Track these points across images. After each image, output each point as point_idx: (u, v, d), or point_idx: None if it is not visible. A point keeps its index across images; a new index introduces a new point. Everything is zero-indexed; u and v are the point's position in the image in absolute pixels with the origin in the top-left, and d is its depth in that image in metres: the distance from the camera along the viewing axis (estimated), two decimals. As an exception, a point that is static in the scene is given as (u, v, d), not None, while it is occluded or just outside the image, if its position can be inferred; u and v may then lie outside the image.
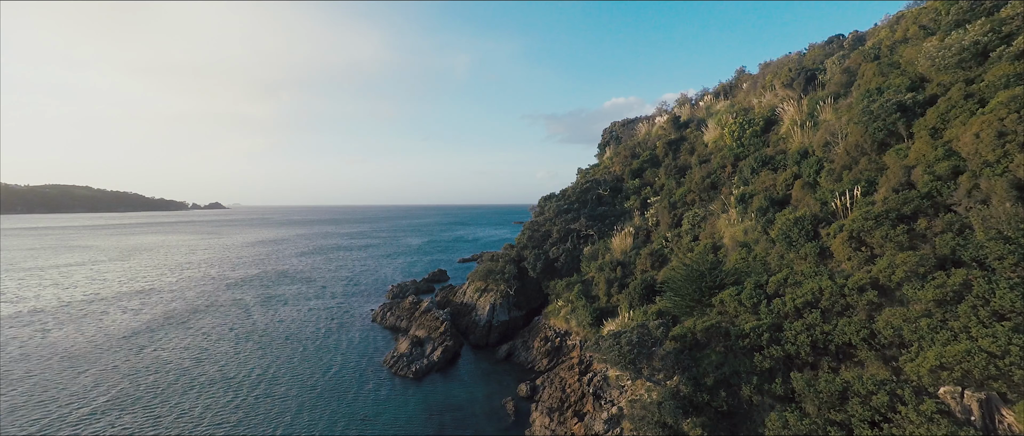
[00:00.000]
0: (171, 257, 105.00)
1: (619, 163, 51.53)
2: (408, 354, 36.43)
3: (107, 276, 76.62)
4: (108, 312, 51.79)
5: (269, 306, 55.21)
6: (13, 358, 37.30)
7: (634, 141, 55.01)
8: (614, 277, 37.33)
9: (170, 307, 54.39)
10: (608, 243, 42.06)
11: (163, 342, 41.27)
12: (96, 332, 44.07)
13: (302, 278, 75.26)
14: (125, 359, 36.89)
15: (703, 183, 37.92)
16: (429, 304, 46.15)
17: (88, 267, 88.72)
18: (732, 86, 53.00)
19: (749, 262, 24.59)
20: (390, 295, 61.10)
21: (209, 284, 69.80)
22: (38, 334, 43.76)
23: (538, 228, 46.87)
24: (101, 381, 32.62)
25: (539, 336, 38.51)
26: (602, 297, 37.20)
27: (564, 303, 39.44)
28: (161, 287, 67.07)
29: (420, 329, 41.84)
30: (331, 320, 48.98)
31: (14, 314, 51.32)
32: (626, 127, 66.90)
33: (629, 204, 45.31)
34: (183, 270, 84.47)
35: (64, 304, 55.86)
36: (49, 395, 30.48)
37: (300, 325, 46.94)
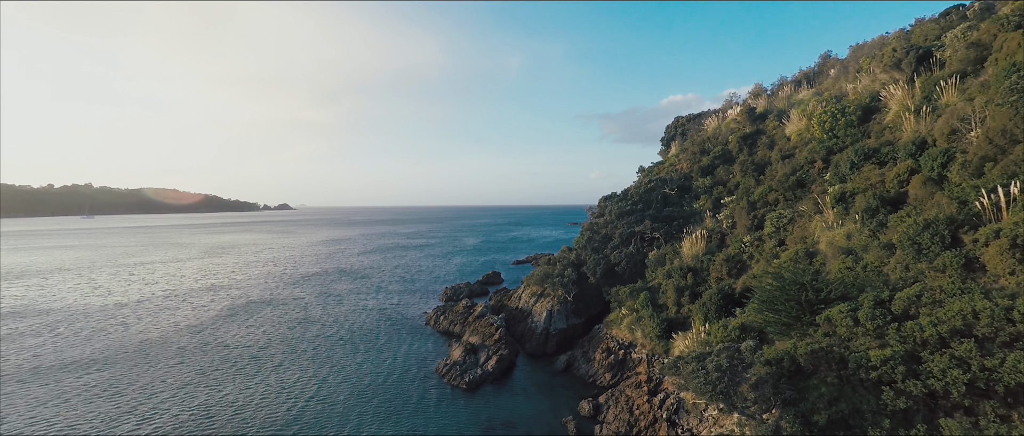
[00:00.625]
0: (243, 256, 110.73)
1: (686, 160, 47.54)
2: (461, 362, 34.79)
3: (185, 273, 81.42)
4: (180, 308, 54.24)
5: (327, 306, 55.83)
6: (96, 348, 39.36)
7: (702, 136, 50.71)
8: (684, 285, 33.85)
9: (236, 305, 56.24)
10: (676, 247, 38.47)
11: (225, 340, 42.19)
12: (168, 326, 45.94)
13: (360, 277, 76.30)
14: (190, 356, 37.84)
15: (787, 181, 33.57)
16: (483, 309, 44.50)
17: (170, 264, 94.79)
18: (816, 73, 47.51)
19: (858, 273, 20.65)
20: (444, 297, 60.23)
21: (274, 282, 72.21)
22: (120, 327, 46.25)
23: (598, 230, 43.94)
24: (166, 376, 33.38)
25: (600, 347, 35.69)
26: (671, 306, 33.82)
27: (628, 312, 36.37)
28: (231, 284, 70.09)
29: (474, 335, 40.18)
30: (385, 322, 48.51)
31: (102, 306, 55.07)
32: (692, 122, 62.32)
33: (699, 204, 41.39)
34: (252, 268, 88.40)
35: (144, 299, 59.31)
36: (117, 388, 31.44)
37: (355, 326, 46.76)
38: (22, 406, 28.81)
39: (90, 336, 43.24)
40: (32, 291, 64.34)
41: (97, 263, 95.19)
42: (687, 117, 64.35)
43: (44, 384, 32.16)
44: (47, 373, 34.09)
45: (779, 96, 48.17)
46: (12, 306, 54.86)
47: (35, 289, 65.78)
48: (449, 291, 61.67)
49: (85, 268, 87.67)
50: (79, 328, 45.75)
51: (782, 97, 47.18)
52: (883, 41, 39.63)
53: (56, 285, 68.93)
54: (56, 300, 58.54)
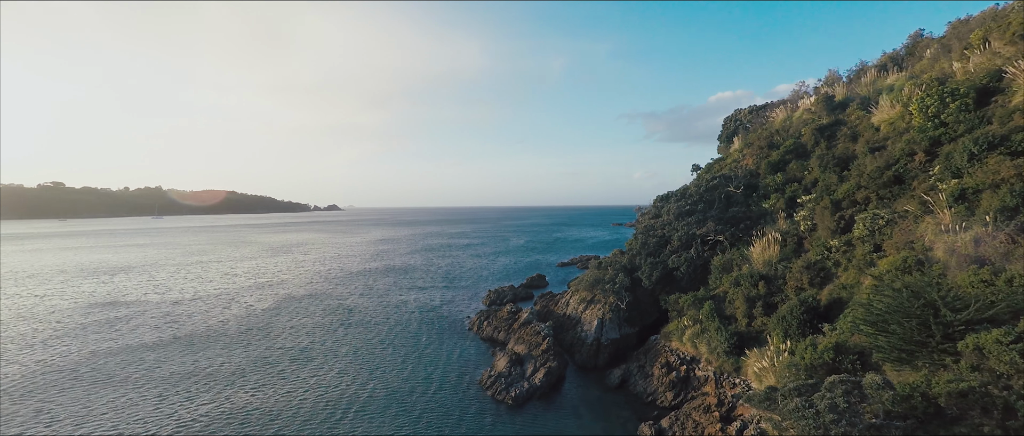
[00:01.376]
0: (299, 254, 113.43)
1: (752, 156, 43.13)
2: (506, 374, 32.38)
3: (237, 271, 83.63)
4: (230, 306, 54.88)
5: (372, 305, 54.99)
6: (144, 343, 39.82)
7: (768, 129, 46.01)
8: (756, 294, 30.00)
9: (285, 301, 56.38)
10: (744, 251, 34.48)
11: (270, 337, 41.72)
12: (217, 324, 46.19)
13: (404, 277, 75.61)
14: (232, 355, 37.45)
15: (881, 176, 29.02)
16: (529, 315, 41.97)
17: (223, 264, 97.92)
18: (905, 55, 41.94)
19: (1001, 288, 16.60)
20: (487, 301, 58.17)
21: (321, 279, 72.62)
22: (172, 324, 47.01)
23: (654, 233, 40.41)
24: (212, 375, 32.89)
25: (659, 361, 32.33)
26: (740, 318, 30.05)
27: (689, 322, 32.81)
28: (284, 280, 71.07)
29: (519, 344, 37.70)
30: (428, 325, 46.91)
31: (158, 302, 56.70)
32: (755, 115, 57.31)
33: (770, 204, 37.11)
34: (303, 266, 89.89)
35: (198, 297, 60.69)
36: (151, 384, 31.15)
37: (398, 329, 45.39)
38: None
39: (168, 323, 44.01)
40: (140, 284, 67.49)
41: (182, 259, 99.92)
42: (748, 109, 59.33)
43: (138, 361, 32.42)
44: (152, 350, 34.50)
45: (860, 83, 42.84)
46: (122, 298, 57.38)
47: (144, 282, 69.03)
48: (492, 294, 59.56)
49: (174, 263, 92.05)
50: (163, 315, 46.87)
51: (864, 84, 41.88)
52: (995, 13, 33.95)
53: (158, 277, 72.16)
54: (154, 292, 60.91)
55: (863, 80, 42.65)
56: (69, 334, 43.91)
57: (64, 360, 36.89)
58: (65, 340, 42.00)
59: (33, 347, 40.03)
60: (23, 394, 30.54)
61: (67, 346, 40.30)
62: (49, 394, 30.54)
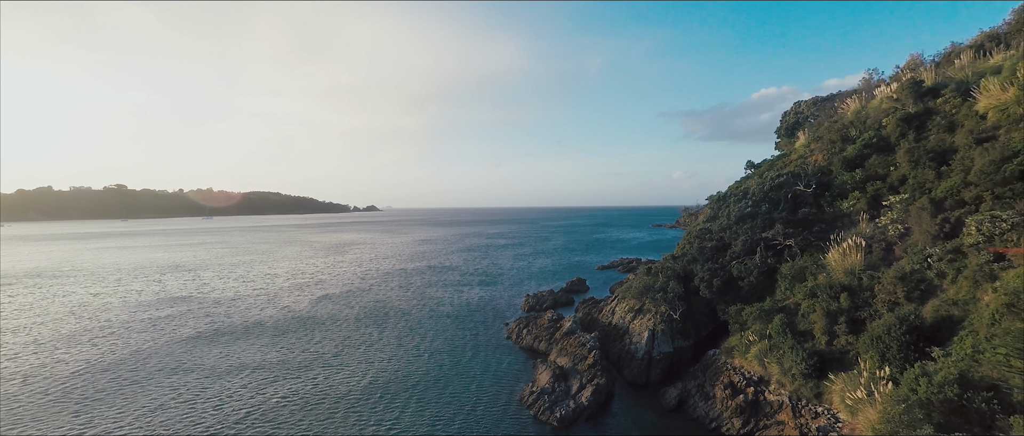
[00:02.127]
0: (344, 253, 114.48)
1: (822, 151, 38.63)
2: (550, 390, 29.65)
3: (277, 271, 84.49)
4: (266, 308, 54.57)
5: (409, 309, 53.42)
6: (177, 338, 39.45)
7: (839, 121, 41.27)
8: (837, 308, 26.09)
9: (321, 306, 55.64)
10: (820, 259, 30.40)
11: (304, 345, 40.56)
12: (253, 323, 45.64)
13: (441, 280, 74.04)
14: (266, 356, 36.39)
15: (999, 171, 24.54)
16: (572, 324, 39.06)
17: (265, 264, 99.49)
18: (1012, 31, 36.47)
19: None
20: (526, 306, 55.57)
21: (359, 281, 72.05)
22: (206, 321, 46.86)
23: (711, 236, 36.70)
24: (233, 384, 31.78)
25: (721, 380, 28.82)
26: (819, 336, 26.21)
27: (755, 338, 29.15)
28: (321, 281, 70.93)
29: (562, 356, 34.90)
30: (465, 332, 44.76)
31: (201, 299, 57.21)
32: (818, 106, 52.24)
33: (847, 205, 32.77)
34: (340, 266, 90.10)
35: (239, 296, 60.96)
36: (172, 375, 30.18)
37: (434, 335, 43.45)
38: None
39: (206, 318, 43.91)
40: (210, 280, 69.21)
41: (235, 259, 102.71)
42: (811, 100, 54.23)
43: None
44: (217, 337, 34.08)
45: (953, 66, 37.58)
46: (194, 294, 58.64)
47: (212, 278, 70.82)
48: (531, 299, 56.91)
49: (229, 262, 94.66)
50: (203, 311, 47.01)
51: (958, 67, 36.67)
52: None
53: (220, 275, 73.97)
54: (211, 289, 62.02)
55: (956, 63, 37.40)
56: (155, 322, 44.37)
57: (146, 345, 36.89)
58: (151, 328, 42.37)
59: (127, 332, 40.45)
60: (116, 373, 30.27)
61: (149, 334, 40.54)
62: (140, 374, 30.16)
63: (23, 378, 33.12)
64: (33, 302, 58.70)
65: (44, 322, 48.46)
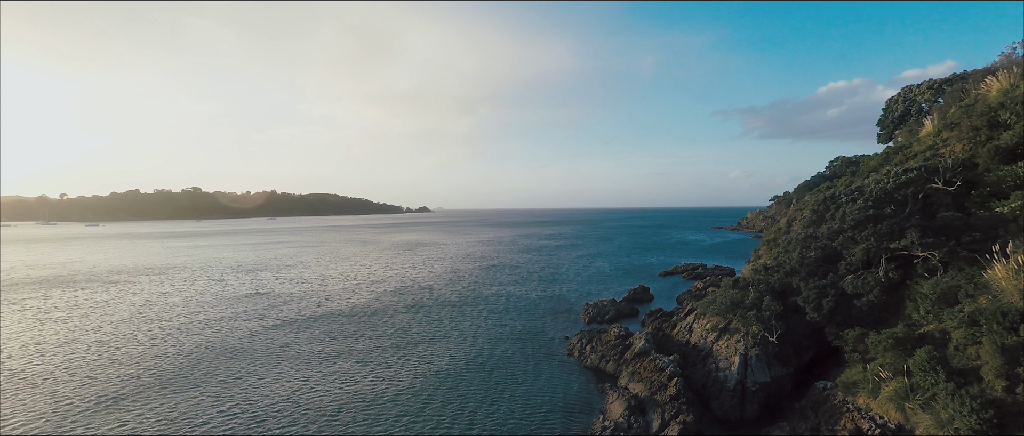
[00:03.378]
0: (402, 254, 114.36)
1: (961, 140, 31.56)
2: (626, 427, 25.05)
3: (329, 272, 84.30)
4: (312, 312, 53.09)
5: (462, 317, 50.20)
6: (244, 334, 38.14)
7: (981, 104, 33.82)
8: (1018, 343, 19.85)
9: (374, 310, 53.59)
10: (977, 275, 23.94)
11: (354, 357, 38.04)
12: (304, 334, 43.96)
13: (494, 285, 70.61)
14: (311, 360, 34.03)
15: None
16: (645, 343, 34.12)
17: (321, 265, 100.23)
18: None
19: None
20: (586, 317, 50.91)
21: (409, 283, 70.02)
22: (258, 321, 45.71)
23: (816, 244, 30.66)
24: (277, 391, 29.41)
25: (843, 424, 23.10)
26: (991, 379, 20.05)
27: (887, 373, 23.22)
28: (372, 283, 69.54)
29: (635, 381, 30.16)
30: (523, 346, 40.83)
31: (271, 296, 56.85)
32: (935, 91, 44.13)
33: (1008, 207, 25.94)
34: (391, 267, 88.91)
35: (296, 298, 60.25)
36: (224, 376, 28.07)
37: (489, 348, 39.81)
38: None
39: (271, 313, 42.82)
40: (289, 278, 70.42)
41: (293, 259, 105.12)
42: (927, 84, 46.05)
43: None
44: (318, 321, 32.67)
45: None
46: (267, 290, 59.32)
47: (284, 276, 72.13)
48: (591, 309, 52.16)
49: (290, 261, 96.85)
50: (280, 304, 46.20)
51: None
52: None
53: (294, 272, 75.20)
54: (284, 284, 62.41)
55: None
56: (255, 314, 44.05)
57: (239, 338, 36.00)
58: (240, 322, 41.93)
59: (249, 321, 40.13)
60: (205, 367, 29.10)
61: (247, 324, 39.96)
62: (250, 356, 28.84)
63: (196, 355, 32.49)
64: (151, 293, 60.57)
65: (177, 311, 49.21)
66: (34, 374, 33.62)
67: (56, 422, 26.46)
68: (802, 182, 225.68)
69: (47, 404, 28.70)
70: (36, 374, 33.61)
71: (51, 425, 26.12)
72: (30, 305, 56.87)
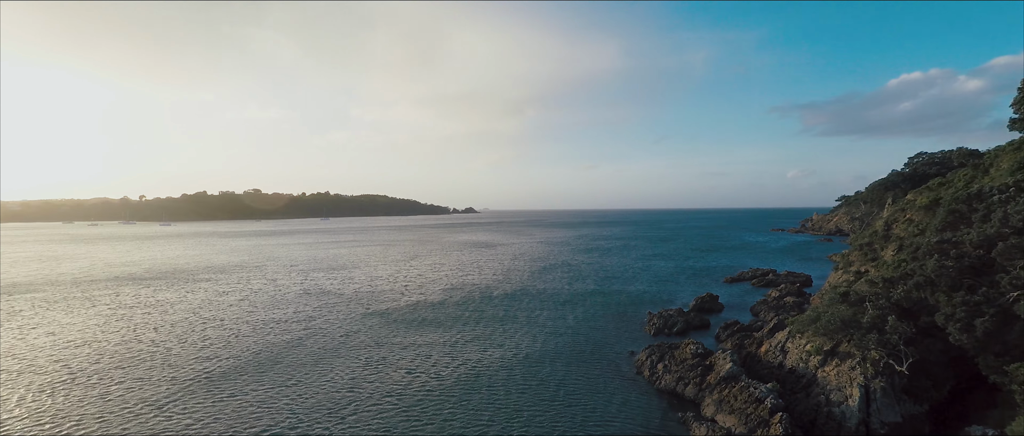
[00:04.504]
0: (448, 255, 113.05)
1: None
2: (724, 475, 20.52)
3: (385, 273, 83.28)
4: (362, 310, 51.17)
5: (516, 326, 46.64)
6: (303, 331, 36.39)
7: None
8: None
9: (424, 315, 51.06)
10: None
11: (395, 370, 35.26)
12: (335, 342, 41.89)
13: (548, 290, 66.68)
14: (358, 364, 31.48)
15: None
16: (732, 366, 29.13)
17: (373, 267, 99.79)
18: None
19: None
20: (651, 328, 46.04)
21: (465, 285, 67.37)
22: (312, 323, 44.11)
23: (959, 252, 24.74)
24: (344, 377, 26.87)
25: (1021, 491, 17.59)
26: None
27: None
28: (431, 279, 67.51)
29: (726, 412, 25.45)
30: (587, 363, 36.72)
31: (330, 294, 55.89)
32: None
33: None
34: (438, 269, 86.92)
35: (349, 299, 58.92)
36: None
37: (551, 366, 35.93)
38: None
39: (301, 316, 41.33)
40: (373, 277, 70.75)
41: (371, 256, 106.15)
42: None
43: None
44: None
45: None
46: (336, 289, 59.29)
47: (352, 274, 72.52)
48: (656, 320, 47.22)
49: (369, 259, 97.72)
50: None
51: None
52: None
53: (357, 270, 75.46)
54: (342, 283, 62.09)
55: None
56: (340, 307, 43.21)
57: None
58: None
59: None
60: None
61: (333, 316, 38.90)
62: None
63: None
64: (238, 290, 61.61)
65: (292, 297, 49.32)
66: (90, 373, 32.99)
67: (118, 423, 25.04)
68: (875, 181, 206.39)
69: (103, 404, 27.52)
70: (91, 372, 32.97)
71: (109, 426, 24.71)
72: (102, 300, 58.53)
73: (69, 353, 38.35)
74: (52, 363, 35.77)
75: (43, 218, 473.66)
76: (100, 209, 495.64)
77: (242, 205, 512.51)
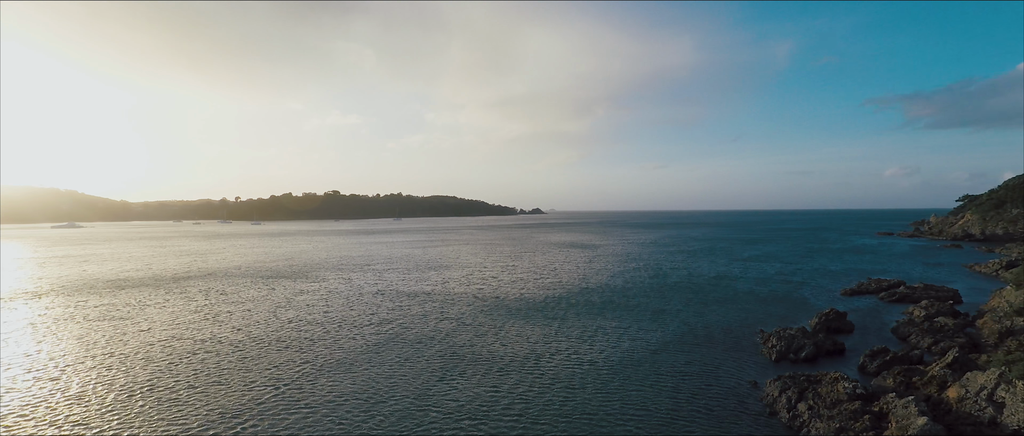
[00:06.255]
0: (533, 256, 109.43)
1: None
2: None
3: (493, 275, 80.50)
4: (437, 314, 47.59)
5: (606, 335, 40.77)
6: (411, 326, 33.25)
7: None
8: None
9: (513, 314, 46.65)
10: None
11: (472, 376, 30.71)
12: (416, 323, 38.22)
13: (641, 296, 59.91)
14: (425, 377, 27.30)
15: None
16: (924, 421, 21.52)
17: (486, 266, 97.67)
18: None
19: None
20: (772, 352, 38.25)
21: (541, 289, 62.49)
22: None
23: None
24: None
25: None
26: None
27: None
28: (505, 281, 63.48)
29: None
30: (701, 390, 30.09)
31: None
32: None
33: None
34: (513, 272, 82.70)
35: (418, 305, 56.15)
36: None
37: (658, 392, 29.67)
38: None
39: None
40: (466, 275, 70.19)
41: (434, 257, 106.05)
42: None
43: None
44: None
45: None
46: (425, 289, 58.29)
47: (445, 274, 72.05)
48: (776, 342, 39.33)
49: (453, 261, 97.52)
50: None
51: None
52: None
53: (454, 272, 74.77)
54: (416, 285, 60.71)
55: None
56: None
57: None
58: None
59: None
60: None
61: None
62: None
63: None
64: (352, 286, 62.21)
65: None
66: (163, 384, 31.52)
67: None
68: (1014, 177, 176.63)
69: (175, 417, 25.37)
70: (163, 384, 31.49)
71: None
72: (195, 297, 59.99)
73: (142, 357, 37.51)
74: (132, 360, 34.83)
75: (159, 217, 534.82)
76: (203, 209, 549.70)
77: (321, 206, 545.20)
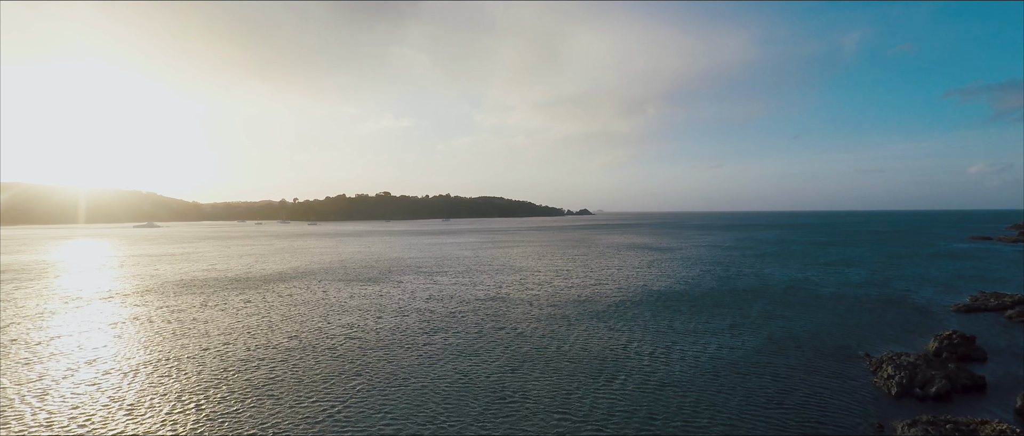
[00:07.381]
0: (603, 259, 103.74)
1: None
2: None
3: (562, 277, 75.93)
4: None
5: (683, 361, 34.48)
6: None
7: None
8: None
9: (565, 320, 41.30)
10: None
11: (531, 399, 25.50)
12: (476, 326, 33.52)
13: (724, 309, 52.67)
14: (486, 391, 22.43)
15: None
16: None
17: (555, 268, 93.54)
18: None
19: None
20: (890, 384, 30.68)
21: (593, 299, 56.52)
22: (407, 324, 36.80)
23: None
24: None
25: None
26: None
27: None
28: (564, 285, 58.14)
29: None
30: (814, 430, 23.66)
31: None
32: None
33: None
34: (564, 277, 76.96)
35: (472, 312, 51.80)
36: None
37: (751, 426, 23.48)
38: None
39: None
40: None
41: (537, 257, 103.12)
42: None
43: None
44: None
45: None
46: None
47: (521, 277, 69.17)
48: (892, 371, 31.67)
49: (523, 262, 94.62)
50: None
51: None
52: None
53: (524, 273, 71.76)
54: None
55: None
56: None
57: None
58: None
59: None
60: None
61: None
62: None
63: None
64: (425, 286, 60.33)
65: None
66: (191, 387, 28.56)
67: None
68: None
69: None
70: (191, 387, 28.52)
71: None
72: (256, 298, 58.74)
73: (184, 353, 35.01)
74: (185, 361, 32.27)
75: (226, 217, 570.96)
76: (265, 210, 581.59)
77: (373, 206, 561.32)
